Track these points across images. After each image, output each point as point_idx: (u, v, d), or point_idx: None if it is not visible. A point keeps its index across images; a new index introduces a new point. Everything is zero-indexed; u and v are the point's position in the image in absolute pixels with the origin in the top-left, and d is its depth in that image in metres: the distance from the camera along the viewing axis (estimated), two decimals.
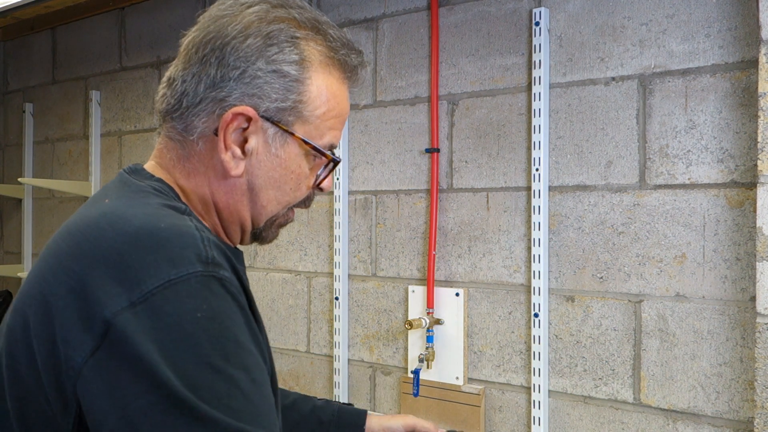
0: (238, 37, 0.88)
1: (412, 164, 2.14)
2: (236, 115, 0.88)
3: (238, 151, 0.89)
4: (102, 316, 0.73)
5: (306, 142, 0.92)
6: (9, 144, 3.44)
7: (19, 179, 3.04)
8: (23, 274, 3.11)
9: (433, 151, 2.06)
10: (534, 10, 1.88)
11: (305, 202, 1.00)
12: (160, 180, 0.92)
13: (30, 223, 3.28)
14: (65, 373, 0.74)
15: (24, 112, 3.30)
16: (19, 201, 3.31)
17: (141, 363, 0.71)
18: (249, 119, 0.88)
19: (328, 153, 0.95)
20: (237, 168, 0.90)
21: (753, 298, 1.58)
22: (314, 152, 0.94)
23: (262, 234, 0.99)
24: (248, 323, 0.79)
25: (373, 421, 1.33)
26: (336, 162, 0.97)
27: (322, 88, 0.92)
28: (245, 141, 0.90)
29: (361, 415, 1.32)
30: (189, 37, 0.92)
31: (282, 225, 1.00)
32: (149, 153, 2.80)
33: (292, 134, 0.91)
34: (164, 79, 0.94)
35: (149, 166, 0.96)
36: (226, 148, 0.89)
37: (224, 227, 0.96)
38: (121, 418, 0.70)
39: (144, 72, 2.84)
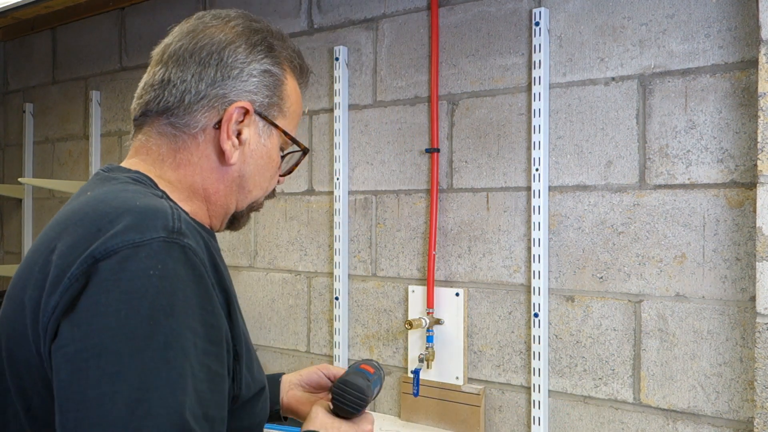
0: (233, 43, 1.00)
1: (412, 164, 2.14)
2: (238, 108, 0.98)
3: (236, 141, 0.99)
4: (68, 274, 0.80)
5: (286, 134, 1.04)
6: (9, 144, 3.44)
7: (19, 179, 3.04)
8: None
9: (433, 151, 2.06)
10: (534, 10, 1.88)
11: (273, 193, 1.11)
12: (137, 172, 0.99)
13: (30, 223, 3.28)
14: (41, 336, 0.81)
15: (24, 112, 3.30)
16: (19, 201, 3.31)
17: (86, 313, 0.77)
18: (246, 113, 0.99)
19: (302, 143, 1.08)
20: (234, 156, 0.99)
21: (753, 298, 1.58)
22: (291, 142, 1.06)
23: (239, 219, 1.08)
24: (206, 291, 0.84)
25: (289, 377, 1.34)
26: (307, 151, 1.10)
27: (293, 88, 1.06)
28: (240, 133, 1.00)
29: (276, 379, 1.32)
30: (173, 46, 1.02)
31: (254, 210, 1.10)
32: None
33: (276, 126, 1.03)
34: (151, 82, 1.03)
35: (127, 163, 1.02)
36: (228, 137, 0.98)
37: (210, 213, 1.03)
38: (63, 361, 0.76)
39: (144, 72, 2.83)
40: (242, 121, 0.99)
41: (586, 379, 1.82)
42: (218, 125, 0.98)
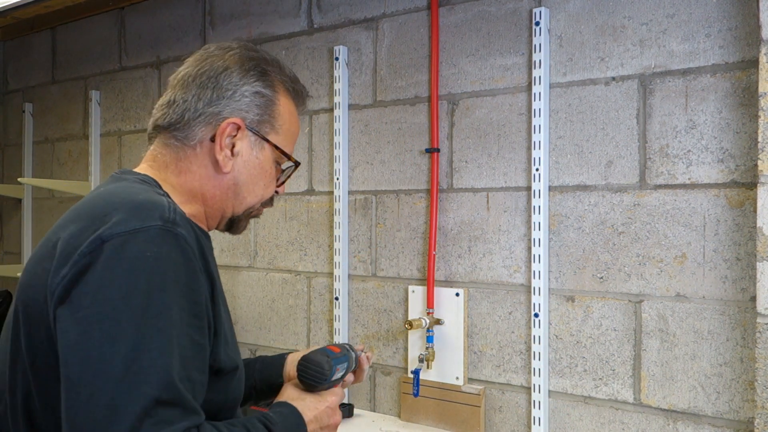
0: (229, 69, 1.16)
1: (412, 164, 2.13)
2: (230, 123, 1.14)
3: (229, 153, 1.15)
4: (79, 251, 0.94)
5: (277, 148, 1.19)
6: (9, 144, 3.44)
7: (18, 179, 3.04)
8: None
9: (433, 151, 2.06)
10: (534, 10, 1.88)
11: (270, 201, 1.25)
12: (145, 175, 1.15)
13: (30, 223, 3.28)
14: (48, 300, 0.95)
15: (24, 112, 3.30)
16: (19, 201, 3.31)
17: (93, 285, 0.92)
18: (238, 128, 1.14)
19: (294, 158, 1.23)
20: (227, 166, 1.15)
21: (753, 298, 1.58)
22: (283, 156, 1.20)
23: (237, 223, 1.22)
24: (192, 272, 0.98)
25: (294, 356, 1.46)
26: (298, 164, 1.25)
27: (287, 109, 1.21)
28: (233, 146, 1.15)
29: (282, 357, 1.47)
30: (181, 73, 1.18)
31: (253, 217, 1.25)
32: None
33: (267, 141, 1.18)
34: (162, 102, 1.18)
35: (140, 168, 1.18)
36: (221, 149, 1.14)
37: (207, 215, 1.19)
38: (72, 324, 0.91)
39: (144, 72, 2.84)
40: (235, 136, 1.14)
41: (586, 380, 1.82)
42: (213, 138, 1.14)
